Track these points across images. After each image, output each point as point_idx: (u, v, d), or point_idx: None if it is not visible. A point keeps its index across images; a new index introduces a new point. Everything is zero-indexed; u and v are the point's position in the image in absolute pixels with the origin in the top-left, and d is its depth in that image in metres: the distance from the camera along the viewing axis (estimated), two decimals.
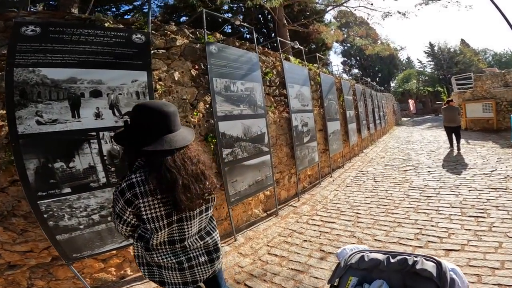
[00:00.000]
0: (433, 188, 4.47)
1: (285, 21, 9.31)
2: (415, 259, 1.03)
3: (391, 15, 11.29)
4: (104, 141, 2.32)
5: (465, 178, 4.80)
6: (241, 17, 13.19)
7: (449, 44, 40.32)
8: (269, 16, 10.05)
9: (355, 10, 10.85)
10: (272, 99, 4.57)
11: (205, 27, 3.27)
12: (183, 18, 12.12)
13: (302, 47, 5.72)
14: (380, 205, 4.06)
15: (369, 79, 11.65)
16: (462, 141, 8.05)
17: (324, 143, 6.22)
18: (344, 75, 12.78)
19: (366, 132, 9.96)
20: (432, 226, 3.16)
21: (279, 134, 4.60)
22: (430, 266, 0.99)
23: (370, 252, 1.13)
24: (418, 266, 1.00)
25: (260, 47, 4.69)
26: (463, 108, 11.91)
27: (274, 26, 9.55)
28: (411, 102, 33.06)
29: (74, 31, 2.17)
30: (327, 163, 6.31)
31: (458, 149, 7.39)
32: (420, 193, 4.36)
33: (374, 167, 6.69)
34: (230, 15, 13.64)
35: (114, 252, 2.47)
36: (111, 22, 2.73)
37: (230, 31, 13.37)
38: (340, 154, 7.17)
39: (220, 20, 9.66)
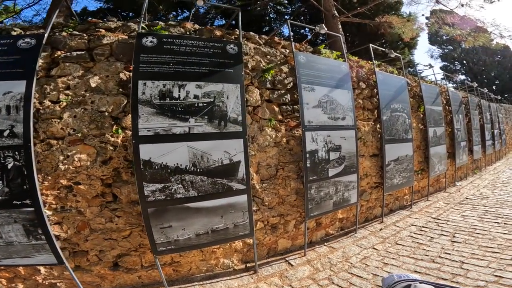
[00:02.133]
0: None
1: (335, 12, 7.30)
2: None
3: None
4: None
5: None
6: (301, 18, 11.82)
7: None
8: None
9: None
10: (277, 109, 3.24)
11: (143, 14, 2.38)
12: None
13: (340, 34, 4.07)
14: None
15: (475, 84, 8.17)
16: None
17: (378, 174, 4.32)
18: (450, 85, 9.49)
19: (465, 158, 7.04)
20: None
21: (284, 162, 3.24)
22: None
23: (420, 283, 0.92)
24: None
25: (264, 36, 3.43)
26: None
27: (322, 18, 7.70)
28: None
29: None
30: (379, 202, 4.35)
31: None
32: None
33: (463, 214, 4.30)
34: (291, 17, 12.55)
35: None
36: (19, 30, 2.28)
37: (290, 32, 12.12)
38: (409, 190, 4.94)
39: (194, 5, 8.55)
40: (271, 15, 12.11)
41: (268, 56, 3.30)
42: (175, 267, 2.67)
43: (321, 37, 8.88)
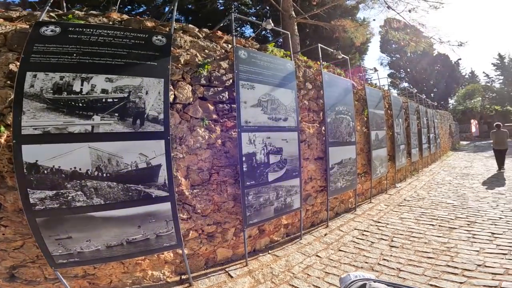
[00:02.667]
0: (492, 273, 2.42)
1: (292, 12, 7.37)
2: None
3: (442, 6, 8.19)
4: None
5: None
6: (264, 19, 11.96)
7: None
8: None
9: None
10: (212, 107, 3.01)
11: (49, 2, 2.08)
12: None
13: (288, 32, 3.99)
14: None
15: (415, 90, 8.75)
16: None
17: (323, 178, 4.28)
18: (393, 91, 10.02)
19: (404, 160, 7.44)
20: None
21: (219, 166, 2.99)
22: None
23: (374, 282, 0.99)
24: None
25: (205, 30, 3.22)
26: None
27: (279, 18, 7.75)
28: (473, 122, 28.05)
29: None
30: (325, 206, 4.32)
31: (501, 168, 7.85)
32: (461, 284, 2.33)
33: (401, 216, 4.44)
34: (256, 18, 12.57)
35: None
36: None
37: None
38: (353, 193, 5.02)
39: None
40: (234, 15, 11.94)
41: (206, 51, 3.05)
42: (91, 280, 2.30)
43: (281, 39, 8.89)
